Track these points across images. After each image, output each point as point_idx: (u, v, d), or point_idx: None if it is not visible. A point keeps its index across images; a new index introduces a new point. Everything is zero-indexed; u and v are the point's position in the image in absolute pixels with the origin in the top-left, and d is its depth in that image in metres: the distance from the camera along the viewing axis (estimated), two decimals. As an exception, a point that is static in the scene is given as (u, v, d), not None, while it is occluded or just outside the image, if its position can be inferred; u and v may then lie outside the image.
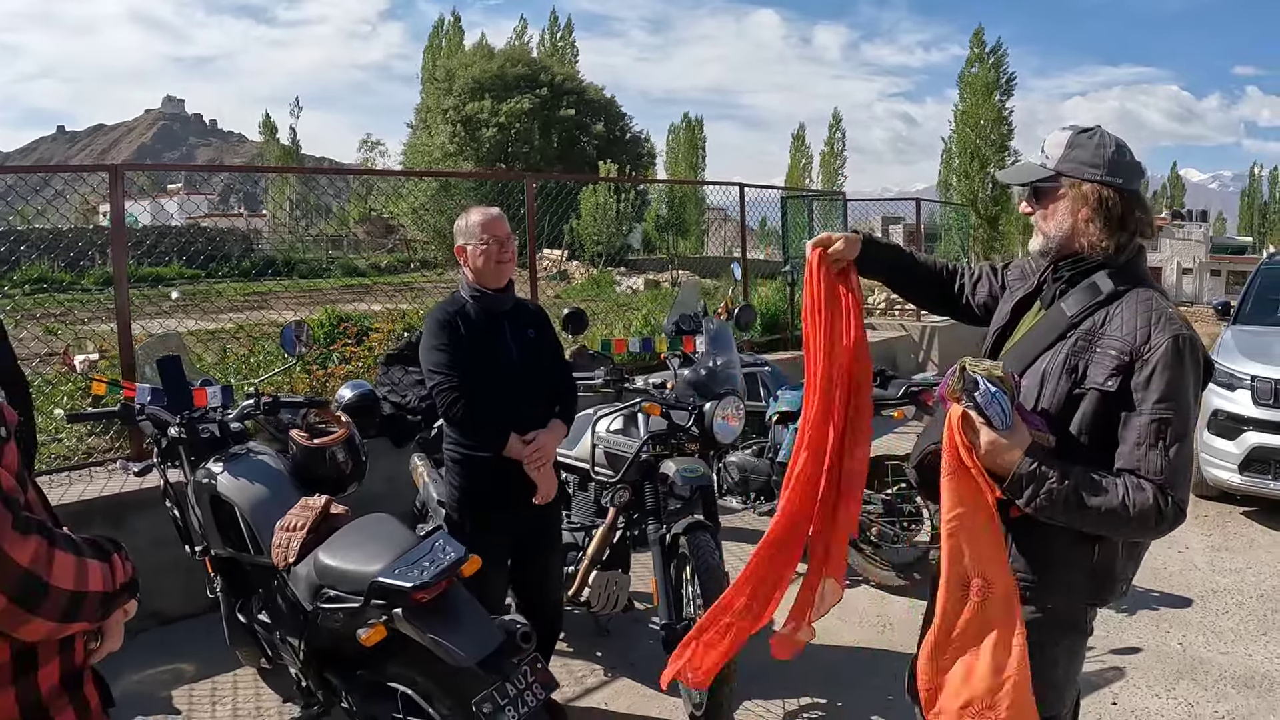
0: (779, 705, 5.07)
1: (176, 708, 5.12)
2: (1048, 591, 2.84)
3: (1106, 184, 2.76)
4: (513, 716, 3.20)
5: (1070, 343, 2.76)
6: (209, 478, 4.49)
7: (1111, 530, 2.66)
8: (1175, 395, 2.60)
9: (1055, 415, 2.73)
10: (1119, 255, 2.79)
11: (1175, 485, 2.58)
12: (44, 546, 1.86)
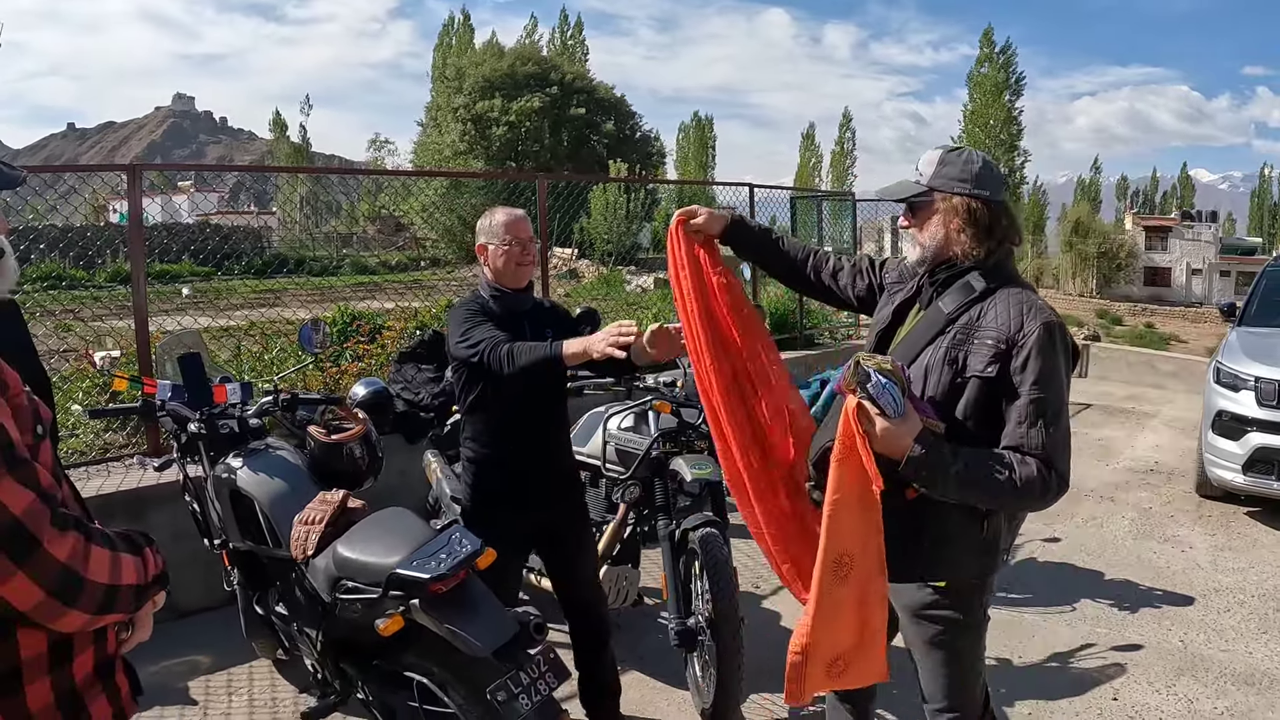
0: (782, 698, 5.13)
1: (193, 698, 5.20)
2: (942, 567, 3.12)
3: (974, 196, 3.01)
4: (525, 705, 3.29)
5: (949, 337, 3.01)
6: (228, 472, 4.57)
7: (1002, 503, 2.96)
8: (1049, 376, 2.88)
9: (941, 404, 2.95)
10: (989, 259, 3.05)
11: (1056, 458, 2.87)
12: (81, 542, 1.93)
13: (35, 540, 1.84)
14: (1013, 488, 2.82)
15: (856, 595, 3.02)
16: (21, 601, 1.84)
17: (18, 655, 1.94)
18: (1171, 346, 18.69)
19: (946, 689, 3.30)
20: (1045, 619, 6.14)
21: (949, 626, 3.21)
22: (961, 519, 3.03)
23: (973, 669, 3.34)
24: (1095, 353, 16.61)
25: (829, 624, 3.04)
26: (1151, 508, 8.66)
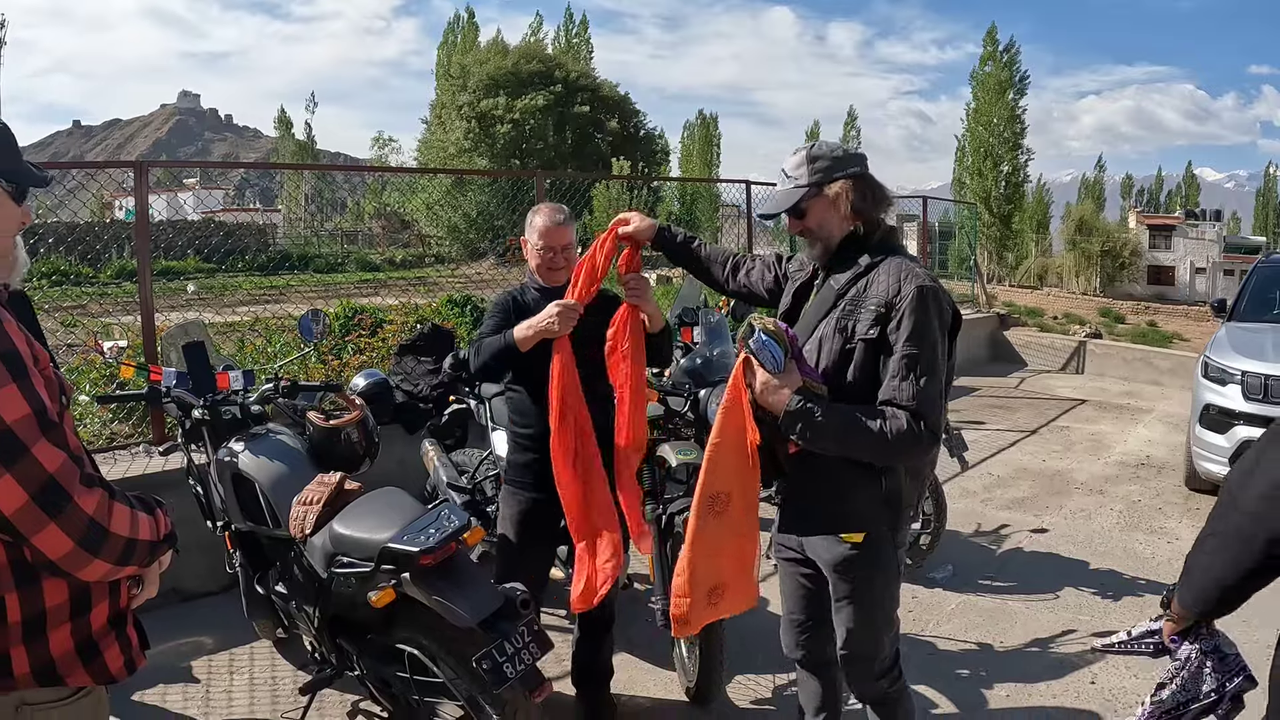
0: (769, 679, 5.26)
1: (196, 677, 5.34)
2: (850, 520, 3.32)
3: (849, 177, 3.28)
4: (510, 673, 3.43)
5: (840, 309, 3.25)
6: (231, 456, 4.72)
7: (876, 455, 3.15)
8: (922, 334, 3.09)
9: (834, 372, 3.20)
10: (874, 231, 3.35)
11: (926, 412, 3.06)
12: (105, 498, 2.14)
13: (67, 495, 2.05)
14: (884, 440, 3.03)
15: (732, 529, 3.34)
16: (53, 550, 2.04)
17: (43, 602, 2.14)
18: (1174, 345, 18.68)
19: (860, 637, 3.46)
20: (1028, 606, 6.25)
21: (864, 577, 3.38)
22: (858, 477, 3.25)
23: (887, 619, 3.51)
24: (1092, 349, 16.68)
25: (708, 556, 3.36)
26: (1140, 500, 8.74)
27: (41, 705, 2.18)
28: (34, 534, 2.02)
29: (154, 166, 7.61)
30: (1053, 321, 20.33)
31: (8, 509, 1.99)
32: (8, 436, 1.98)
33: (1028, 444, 11.13)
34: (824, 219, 3.33)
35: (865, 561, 3.34)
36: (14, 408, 2.00)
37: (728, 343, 5.88)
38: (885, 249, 3.32)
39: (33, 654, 2.15)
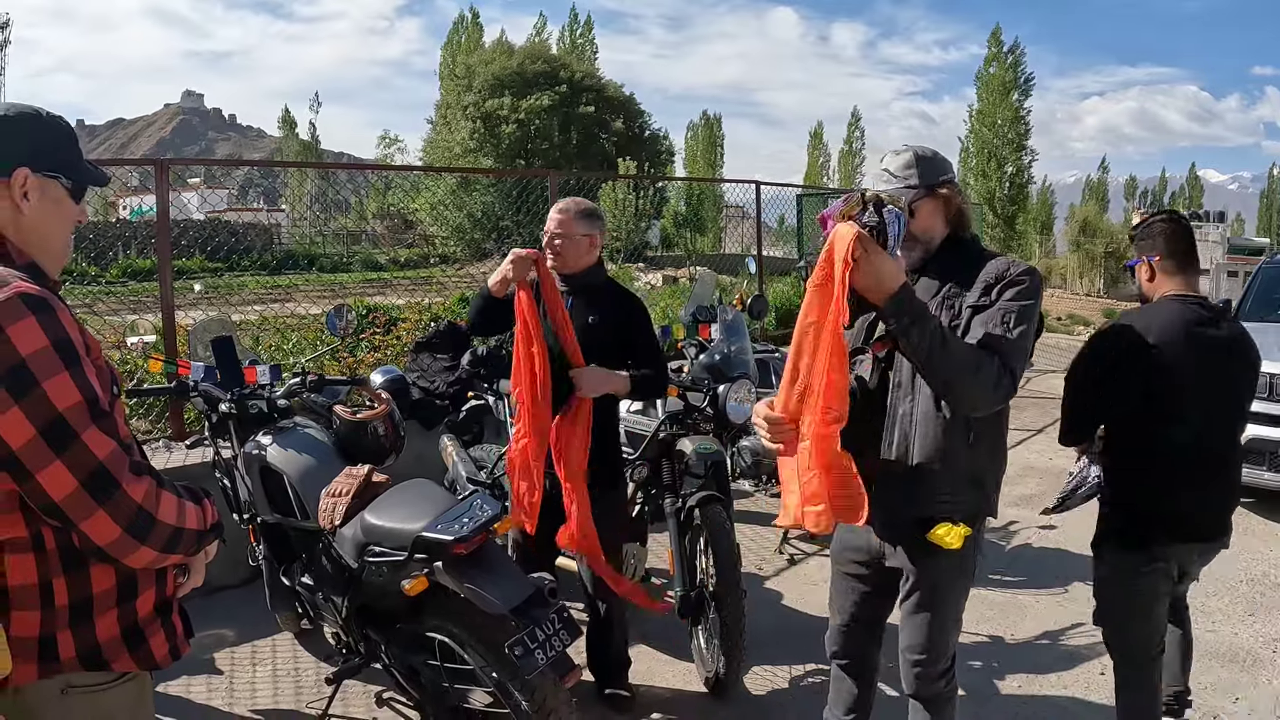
0: (785, 670, 5.33)
1: (219, 669, 5.41)
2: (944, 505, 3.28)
3: (953, 182, 3.38)
4: (541, 659, 3.50)
5: (946, 289, 3.27)
6: (258, 449, 4.78)
7: (960, 380, 3.05)
8: (1025, 299, 3.14)
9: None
10: (965, 232, 3.41)
11: (1012, 357, 3.07)
12: (153, 486, 2.20)
13: (115, 482, 2.10)
14: (975, 366, 3.01)
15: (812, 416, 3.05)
16: (101, 536, 2.10)
17: (91, 587, 2.21)
18: (1177, 345, 18.76)
19: (935, 639, 3.49)
20: (1038, 600, 6.33)
21: (947, 579, 3.43)
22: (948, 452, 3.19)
23: (957, 619, 3.57)
24: (1097, 350, 16.71)
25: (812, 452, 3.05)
26: (1147, 498, 8.77)
27: (86, 689, 2.23)
28: (82, 520, 2.07)
29: (174, 164, 7.66)
30: (1057, 322, 20.40)
31: (57, 495, 2.04)
32: (59, 423, 2.04)
33: (1034, 442, 11.21)
34: (931, 222, 3.34)
35: (952, 560, 3.34)
36: (66, 395, 2.06)
37: (744, 338, 5.95)
38: (979, 247, 3.42)
39: (79, 638, 2.20)
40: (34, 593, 2.14)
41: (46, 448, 2.03)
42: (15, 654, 2.12)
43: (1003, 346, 3.06)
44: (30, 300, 2.06)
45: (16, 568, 2.13)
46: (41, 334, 2.05)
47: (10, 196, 2.22)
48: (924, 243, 3.34)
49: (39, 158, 2.27)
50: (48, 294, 2.12)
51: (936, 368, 3.05)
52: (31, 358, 2.02)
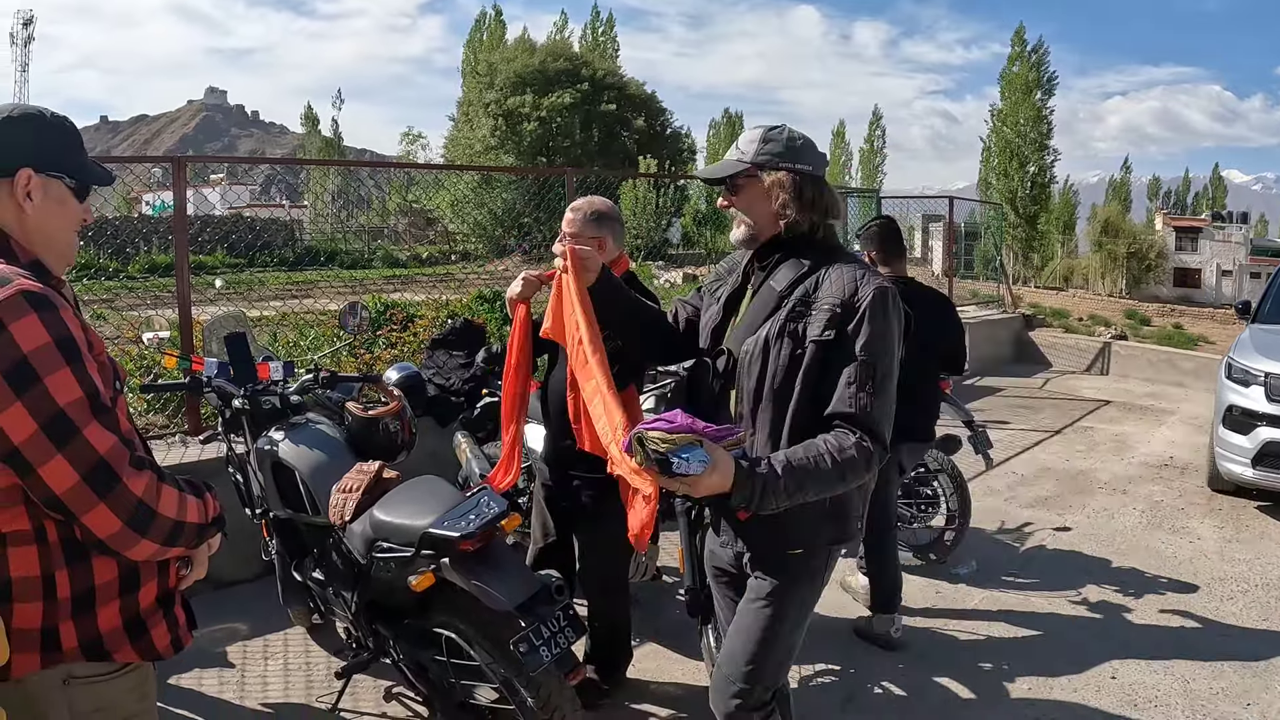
0: (795, 670, 5.30)
1: (231, 662, 5.43)
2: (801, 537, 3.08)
3: (797, 171, 3.03)
4: (545, 655, 3.53)
5: (786, 310, 2.97)
6: (271, 445, 4.81)
7: (833, 491, 2.88)
8: (882, 341, 2.88)
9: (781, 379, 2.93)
10: (814, 233, 3.08)
11: (877, 426, 2.85)
12: (153, 480, 2.23)
13: (116, 477, 2.14)
14: (839, 475, 2.80)
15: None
16: (102, 530, 2.14)
17: (93, 579, 2.24)
18: (1200, 347, 18.63)
19: (757, 652, 3.17)
20: (1050, 602, 6.31)
21: (788, 590, 3.15)
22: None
23: (790, 646, 3.27)
24: (1117, 350, 16.69)
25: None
26: (1163, 500, 8.77)
27: (87, 679, 2.27)
28: (84, 513, 2.11)
29: (192, 161, 7.70)
30: (1078, 323, 20.29)
31: (59, 488, 2.08)
32: (60, 418, 2.08)
33: (1052, 444, 11.15)
34: (752, 204, 3.09)
35: (796, 573, 3.14)
36: (67, 391, 2.09)
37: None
38: (829, 249, 3.09)
39: (81, 629, 2.23)
40: (36, 584, 2.17)
41: (48, 442, 2.07)
42: (17, 645, 2.15)
43: (864, 417, 2.84)
44: (32, 297, 2.09)
45: (19, 560, 2.15)
46: (43, 331, 2.08)
47: (14, 196, 2.25)
48: (746, 224, 3.13)
49: (42, 158, 2.29)
50: (50, 291, 2.15)
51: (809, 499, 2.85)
52: (33, 354, 2.05)
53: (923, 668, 5.38)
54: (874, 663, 5.44)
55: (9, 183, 2.25)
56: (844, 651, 5.58)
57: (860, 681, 5.25)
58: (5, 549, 2.14)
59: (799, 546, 3.10)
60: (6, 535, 2.14)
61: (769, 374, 2.96)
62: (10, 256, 2.20)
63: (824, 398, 2.89)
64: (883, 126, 69.74)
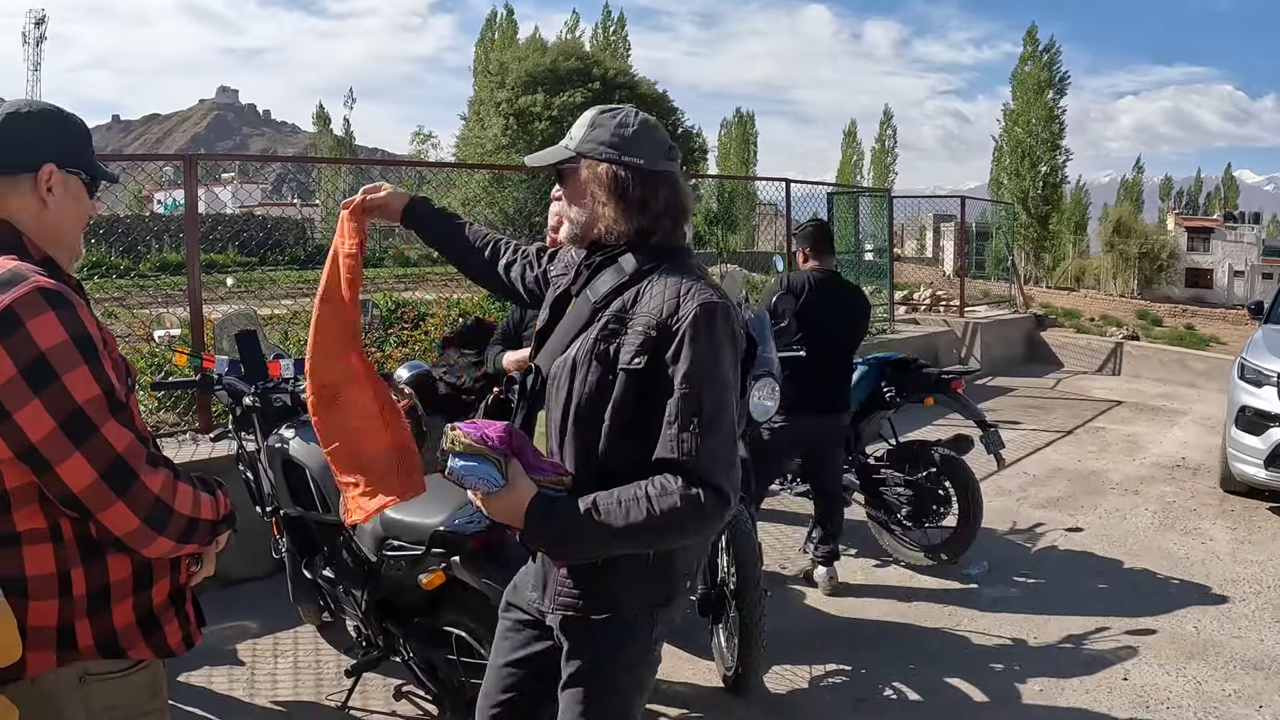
0: (806, 670, 5.33)
1: (241, 660, 5.45)
2: (607, 602, 2.61)
3: (623, 164, 2.56)
4: None
5: (598, 327, 2.53)
6: (281, 442, 4.80)
7: (655, 545, 2.49)
8: (705, 368, 2.40)
9: (588, 409, 2.51)
10: (643, 239, 2.59)
11: (711, 468, 2.38)
12: (169, 477, 2.23)
13: (134, 474, 2.14)
14: (661, 527, 2.37)
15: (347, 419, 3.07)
16: (119, 527, 2.14)
17: (107, 576, 2.23)
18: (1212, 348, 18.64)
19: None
20: (1062, 603, 6.28)
21: (603, 660, 2.66)
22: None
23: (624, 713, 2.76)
24: (1129, 351, 16.65)
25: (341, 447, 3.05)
26: (1175, 501, 8.75)
27: (103, 676, 2.26)
28: (101, 511, 2.11)
29: (203, 159, 7.71)
30: (1090, 323, 20.30)
31: (76, 486, 2.08)
32: (79, 416, 2.07)
33: (1063, 444, 11.14)
34: (573, 198, 2.67)
35: (614, 637, 2.64)
36: (85, 388, 2.09)
37: (769, 343, 5.93)
38: (660, 254, 2.59)
39: (96, 626, 2.22)
40: (52, 583, 2.16)
41: (66, 440, 2.06)
42: (33, 643, 2.14)
43: (692, 460, 2.37)
44: (49, 295, 2.08)
45: (34, 558, 2.15)
46: (61, 328, 2.07)
47: (37, 191, 2.26)
48: (573, 221, 2.68)
49: (63, 154, 2.30)
50: (65, 289, 2.15)
51: (615, 552, 2.49)
52: (51, 351, 2.05)
53: (934, 669, 5.37)
54: (885, 663, 5.42)
55: (31, 177, 2.25)
56: (855, 652, 5.56)
57: (871, 682, 5.23)
58: (20, 547, 2.14)
59: (605, 610, 2.61)
60: (22, 534, 2.13)
61: (573, 402, 2.53)
62: (23, 253, 2.20)
63: (645, 436, 2.45)
64: (894, 126, 69.84)
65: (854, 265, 15.99)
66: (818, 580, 6.49)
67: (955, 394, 6.81)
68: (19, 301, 2.04)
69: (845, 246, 15.87)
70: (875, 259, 16.99)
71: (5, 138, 2.25)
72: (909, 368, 7.09)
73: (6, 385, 2.02)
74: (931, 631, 5.87)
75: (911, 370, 7.07)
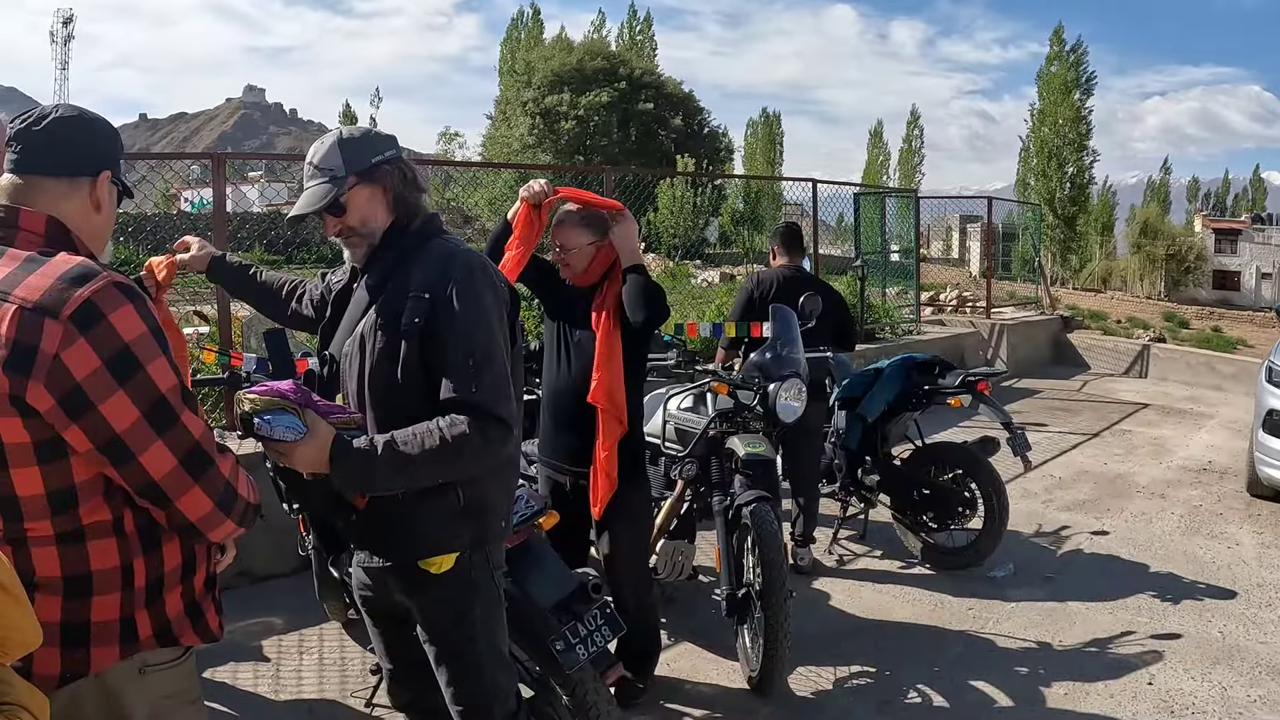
0: (830, 671, 5.32)
1: (267, 656, 5.48)
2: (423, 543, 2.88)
3: (389, 161, 2.90)
4: (582, 654, 3.52)
5: (380, 303, 2.84)
6: (310, 440, 4.82)
7: (451, 472, 2.72)
8: (474, 316, 2.72)
9: (383, 378, 2.79)
10: (415, 218, 2.96)
11: (491, 402, 2.68)
12: (234, 462, 2.32)
13: (210, 459, 2.22)
14: (455, 453, 2.64)
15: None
16: (194, 512, 2.21)
17: (163, 565, 2.27)
18: (1240, 351, 18.54)
19: (469, 686, 3.06)
20: (1087, 607, 6.25)
21: (455, 611, 2.98)
22: (427, 492, 2.79)
23: (496, 655, 3.10)
24: (1155, 353, 16.55)
25: None
26: (1201, 505, 8.70)
27: (160, 666, 2.29)
28: (179, 497, 2.16)
29: (231, 158, 7.75)
30: (1116, 325, 20.21)
31: (158, 474, 2.12)
32: (162, 405, 2.12)
33: (1089, 447, 11.09)
34: (367, 212, 2.91)
35: (454, 591, 2.95)
36: (165, 378, 2.13)
37: (796, 343, 5.93)
38: (427, 234, 2.96)
39: (154, 616, 2.26)
40: (116, 576, 2.19)
41: (149, 428, 2.10)
42: (97, 639, 2.17)
43: (474, 395, 2.68)
44: (124, 288, 2.13)
45: (99, 552, 2.17)
46: (140, 320, 2.11)
47: (94, 195, 2.31)
48: (365, 236, 2.93)
49: (115, 162, 2.38)
50: (133, 283, 2.20)
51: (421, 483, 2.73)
52: (134, 343, 2.09)
53: (959, 671, 5.36)
54: (909, 666, 5.41)
55: (90, 182, 2.30)
56: (879, 654, 5.55)
57: (895, 684, 5.22)
58: (86, 542, 2.16)
59: (433, 552, 2.88)
60: (87, 528, 2.15)
61: (366, 372, 2.83)
62: (71, 250, 2.23)
63: (433, 390, 2.74)
64: (921, 126, 69.52)
65: (880, 266, 15.97)
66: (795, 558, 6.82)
67: (982, 396, 6.79)
68: (98, 295, 2.07)
69: (871, 247, 15.86)
70: (901, 260, 16.98)
71: (70, 141, 2.30)
72: (935, 369, 7.08)
73: (91, 377, 2.04)
74: (956, 634, 5.86)
75: (938, 372, 7.05)
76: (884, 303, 15.44)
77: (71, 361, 2.02)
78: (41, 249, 2.19)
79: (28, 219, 2.23)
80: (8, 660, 1.86)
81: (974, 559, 6.73)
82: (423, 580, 2.91)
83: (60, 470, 2.10)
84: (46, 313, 2.03)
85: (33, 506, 2.10)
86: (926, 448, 7.11)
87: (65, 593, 2.11)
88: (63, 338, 2.02)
